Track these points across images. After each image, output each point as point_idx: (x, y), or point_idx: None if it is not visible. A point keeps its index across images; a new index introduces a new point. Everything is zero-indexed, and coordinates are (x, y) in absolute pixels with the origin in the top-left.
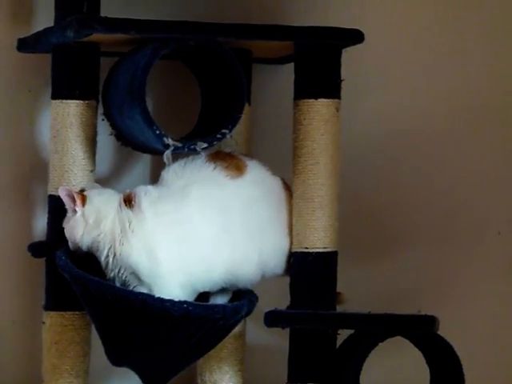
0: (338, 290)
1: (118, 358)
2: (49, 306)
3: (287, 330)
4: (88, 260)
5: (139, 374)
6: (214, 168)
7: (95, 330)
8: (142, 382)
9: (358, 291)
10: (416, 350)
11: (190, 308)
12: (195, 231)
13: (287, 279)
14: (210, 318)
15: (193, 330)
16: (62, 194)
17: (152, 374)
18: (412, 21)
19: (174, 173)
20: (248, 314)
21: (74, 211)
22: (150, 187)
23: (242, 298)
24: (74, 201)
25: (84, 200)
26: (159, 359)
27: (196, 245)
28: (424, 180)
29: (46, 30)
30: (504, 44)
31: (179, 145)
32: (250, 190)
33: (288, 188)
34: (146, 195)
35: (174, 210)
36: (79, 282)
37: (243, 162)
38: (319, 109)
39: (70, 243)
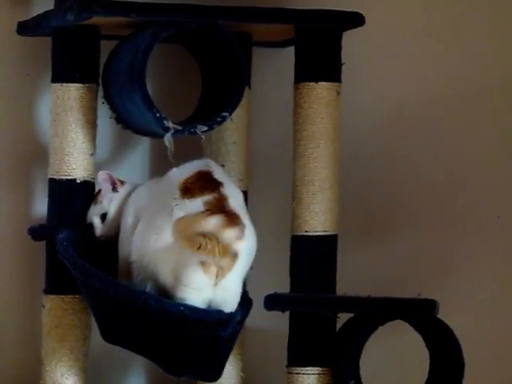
0: (339, 273)
1: (111, 340)
2: (49, 290)
3: (287, 314)
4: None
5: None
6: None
7: None
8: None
9: (358, 275)
10: (416, 333)
11: (187, 311)
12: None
13: (287, 262)
14: (206, 322)
15: (191, 333)
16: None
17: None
18: (413, 5)
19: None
20: (243, 319)
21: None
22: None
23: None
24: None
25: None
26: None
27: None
28: (424, 164)
29: (46, 13)
30: (505, 31)
31: (179, 128)
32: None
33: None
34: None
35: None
36: (79, 271)
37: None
38: (320, 92)
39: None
